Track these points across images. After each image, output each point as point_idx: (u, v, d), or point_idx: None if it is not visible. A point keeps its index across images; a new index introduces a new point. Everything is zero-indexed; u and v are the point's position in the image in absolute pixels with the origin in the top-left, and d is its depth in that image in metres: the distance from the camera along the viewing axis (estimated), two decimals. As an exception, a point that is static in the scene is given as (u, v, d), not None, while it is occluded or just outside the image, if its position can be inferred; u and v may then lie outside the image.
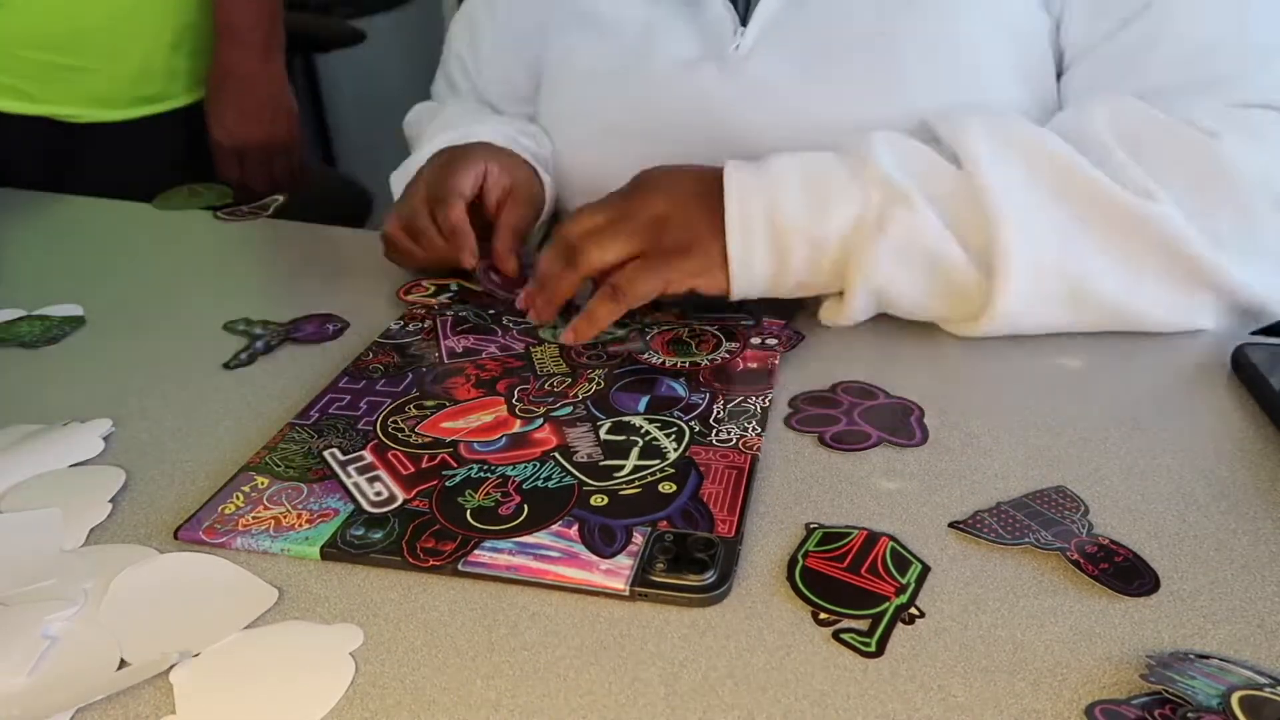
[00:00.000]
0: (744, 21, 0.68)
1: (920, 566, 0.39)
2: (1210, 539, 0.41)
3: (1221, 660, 0.34)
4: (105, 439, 0.50)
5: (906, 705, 0.33)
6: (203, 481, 0.46)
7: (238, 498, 0.44)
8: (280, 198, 0.86)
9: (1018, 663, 0.35)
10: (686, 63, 0.70)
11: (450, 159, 0.68)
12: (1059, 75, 0.66)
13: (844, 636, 0.36)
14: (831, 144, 0.58)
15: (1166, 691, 0.33)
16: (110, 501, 0.45)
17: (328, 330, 0.61)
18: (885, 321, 0.59)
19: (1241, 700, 0.32)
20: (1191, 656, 0.35)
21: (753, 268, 0.56)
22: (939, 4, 0.65)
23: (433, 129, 0.76)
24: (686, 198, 0.57)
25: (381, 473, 0.46)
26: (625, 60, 0.72)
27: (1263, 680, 0.33)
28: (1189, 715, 0.32)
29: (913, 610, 0.37)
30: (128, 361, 0.59)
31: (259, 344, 0.59)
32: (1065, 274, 0.54)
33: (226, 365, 0.57)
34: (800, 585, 0.38)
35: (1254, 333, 0.58)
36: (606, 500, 0.43)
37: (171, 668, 0.35)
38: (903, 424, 0.49)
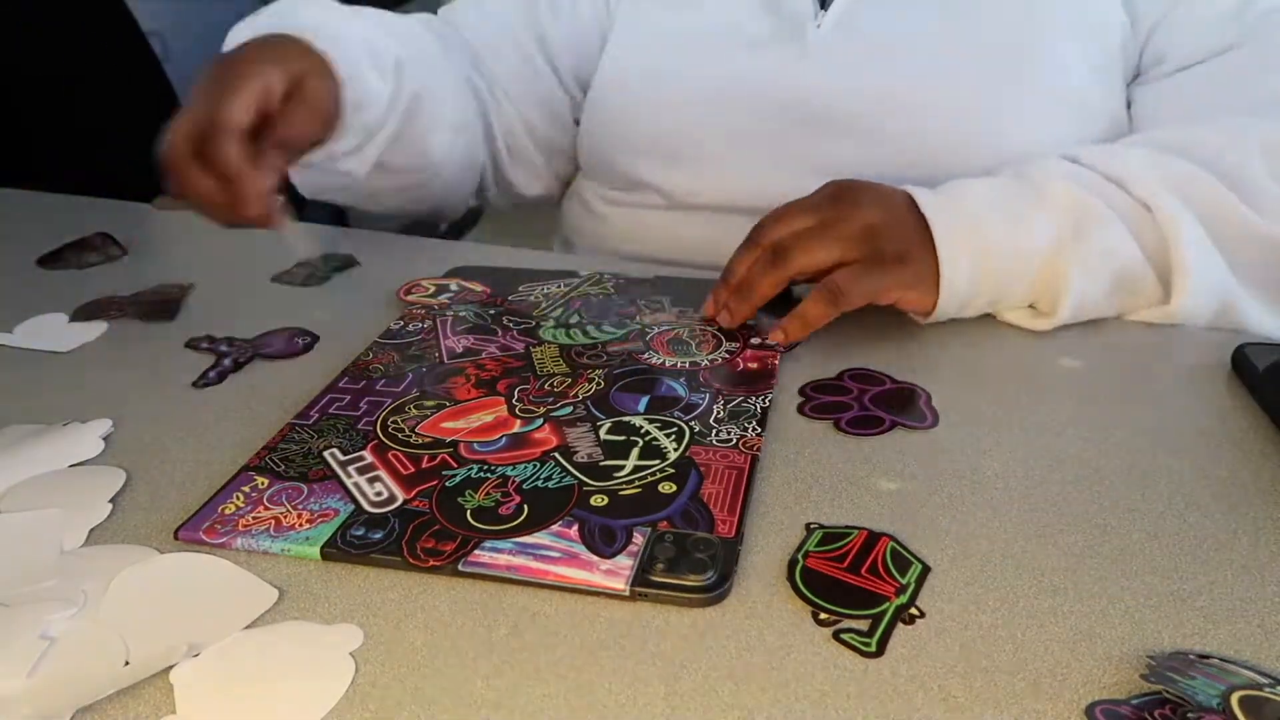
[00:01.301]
0: (824, 5, 0.71)
1: (920, 567, 0.39)
2: (1210, 539, 0.41)
3: (1221, 660, 0.34)
4: (105, 439, 0.50)
5: (906, 705, 0.33)
6: (202, 482, 0.46)
7: (238, 498, 0.44)
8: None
9: (1018, 663, 0.35)
10: (761, 38, 0.72)
11: (225, 71, 0.57)
12: (1137, 76, 0.68)
13: (844, 637, 0.36)
14: (959, 150, 0.62)
15: (1166, 691, 0.33)
16: (110, 502, 0.45)
17: (297, 345, 0.60)
18: (884, 324, 0.59)
19: (1241, 700, 0.32)
20: (1191, 656, 0.35)
21: (958, 283, 0.56)
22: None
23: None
24: (896, 210, 0.57)
25: (382, 473, 0.45)
26: (704, 30, 0.74)
27: (1263, 680, 0.33)
28: (1189, 715, 0.32)
29: (913, 610, 0.37)
30: (128, 361, 0.59)
31: (227, 361, 0.58)
32: (1220, 289, 0.57)
33: (195, 384, 0.56)
34: (800, 585, 0.38)
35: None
36: (607, 500, 0.43)
37: (172, 667, 0.35)
38: (913, 407, 0.50)
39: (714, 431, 0.48)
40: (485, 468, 0.46)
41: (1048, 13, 0.67)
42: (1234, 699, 0.32)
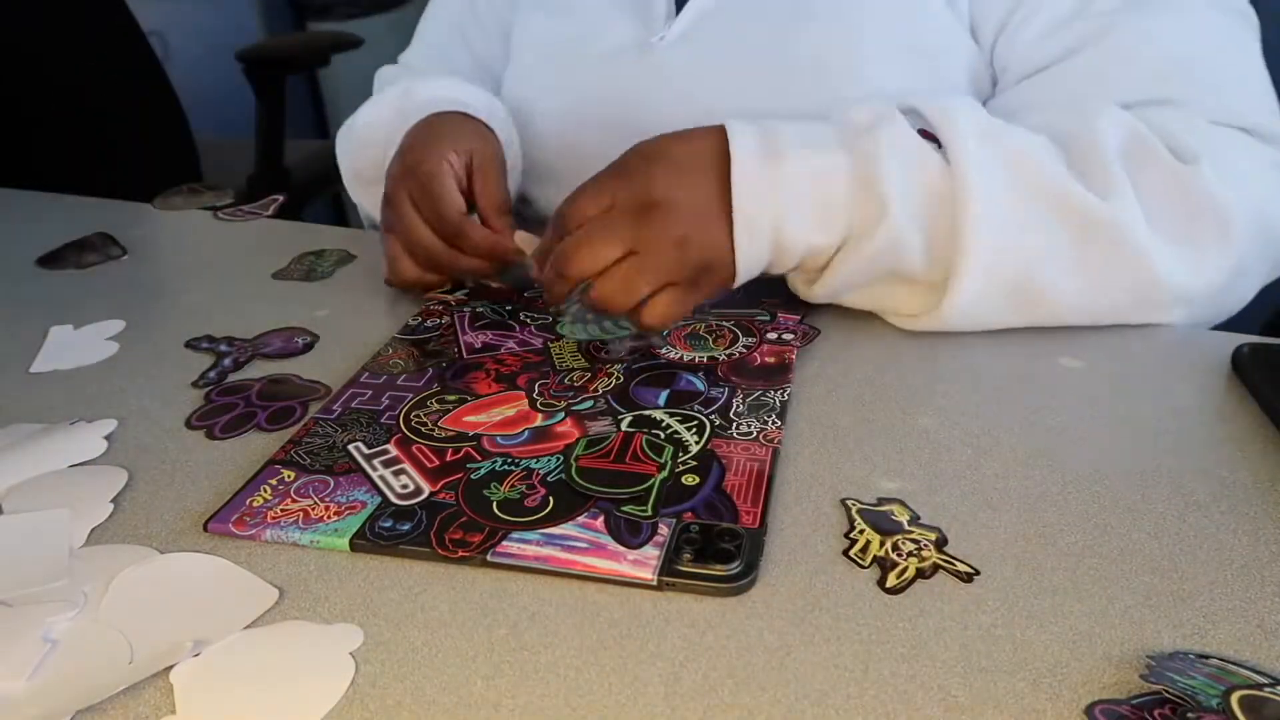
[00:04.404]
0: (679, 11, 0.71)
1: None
2: (1210, 539, 0.41)
3: (1221, 660, 0.34)
4: (107, 439, 0.50)
5: (907, 705, 0.33)
6: (203, 482, 0.46)
7: (265, 490, 0.44)
8: (280, 197, 0.86)
9: (1018, 663, 0.35)
10: (614, 49, 0.73)
11: (419, 161, 0.63)
12: (996, 81, 0.67)
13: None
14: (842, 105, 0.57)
15: (1166, 691, 0.33)
16: (111, 502, 0.45)
17: (296, 344, 0.60)
18: (883, 329, 0.59)
19: (1241, 700, 0.32)
20: (1191, 656, 0.35)
21: (753, 266, 0.55)
22: (836, 14, 0.67)
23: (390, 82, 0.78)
24: (699, 207, 0.53)
25: (406, 466, 0.46)
26: (568, 41, 0.76)
27: (1263, 680, 0.33)
28: (1189, 715, 0.32)
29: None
30: (129, 361, 0.59)
31: (227, 361, 0.58)
32: (1019, 280, 0.55)
33: (195, 384, 0.56)
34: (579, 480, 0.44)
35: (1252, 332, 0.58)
36: None
37: (172, 667, 0.35)
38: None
39: (734, 425, 0.48)
40: (509, 461, 0.46)
41: (866, 39, 0.66)
42: (1234, 699, 0.32)
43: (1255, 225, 0.56)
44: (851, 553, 0.40)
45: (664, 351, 0.56)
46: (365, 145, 0.73)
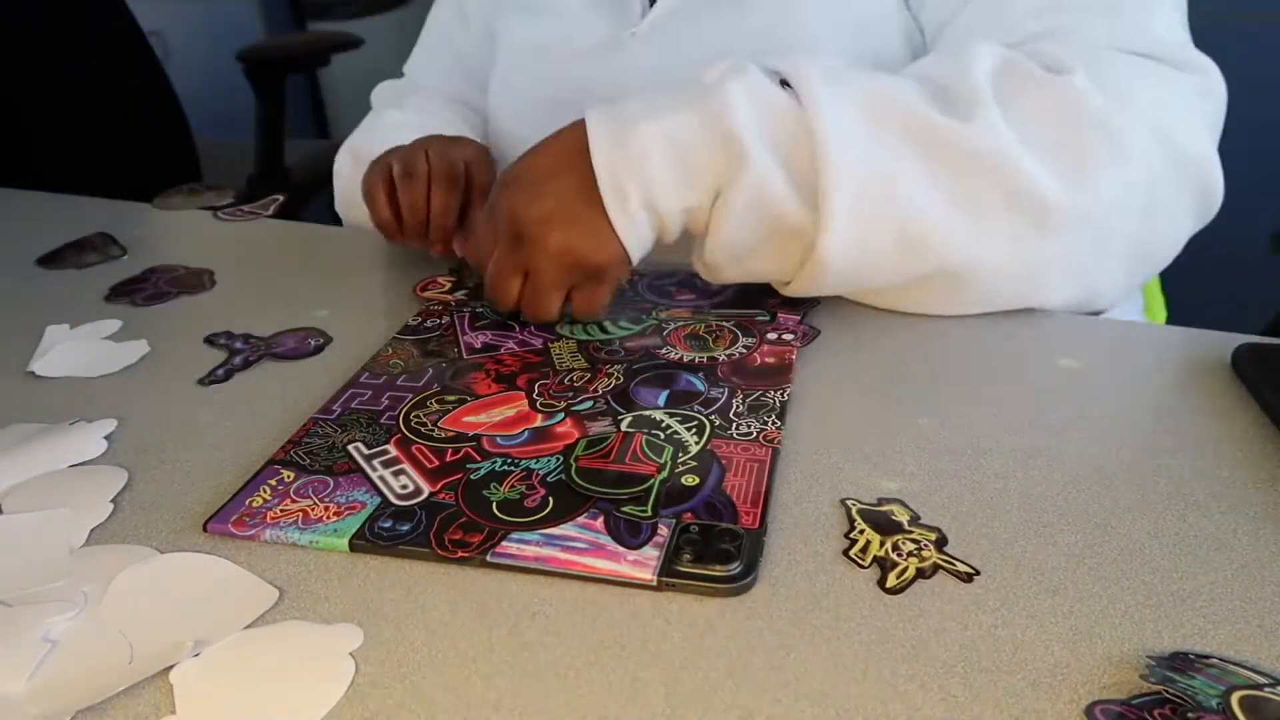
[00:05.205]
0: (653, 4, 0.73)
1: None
2: (1210, 539, 0.41)
3: (1221, 660, 0.34)
4: (107, 438, 0.50)
5: (907, 705, 0.33)
6: (204, 482, 0.46)
7: (265, 491, 0.44)
8: (280, 197, 0.86)
9: (1018, 663, 0.35)
10: (588, 47, 0.74)
11: (446, 140, 0.69)
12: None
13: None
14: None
15: (1166, 691, 0.33)
16: (111, 502, 0.45)
17: (309, 345, 0.60)
18: (894, 322, 0.59)
19: (1241, 700, 0.32)
20: (1191, 656, 0.35)
21: (642, 241, 0.55)
22: (785, 7, 0.69)
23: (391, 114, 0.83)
24: (569, 209, 0.55)
25: (406, 466, 0.46)
26: (544, 43, 0.77)
27: (1263, 680, 0.33)
28: (1189, 715, 0.32)
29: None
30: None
31: (237, 359, 0.58)
32: (893, 217, 0.53)
33: (201, 381, 0.56)
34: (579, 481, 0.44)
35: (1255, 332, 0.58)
36: None
37: (171, 667, 0.35)
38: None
39: (734, 425, 0.49)
40: (509, 461, 0.46)
41: (811, 16, 0.68)
42: (1234, 699, 0.32)
43: (1158, 146, 0.54)
44: (851, 553, 0.40)
45: (664, 352, 0.56)
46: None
